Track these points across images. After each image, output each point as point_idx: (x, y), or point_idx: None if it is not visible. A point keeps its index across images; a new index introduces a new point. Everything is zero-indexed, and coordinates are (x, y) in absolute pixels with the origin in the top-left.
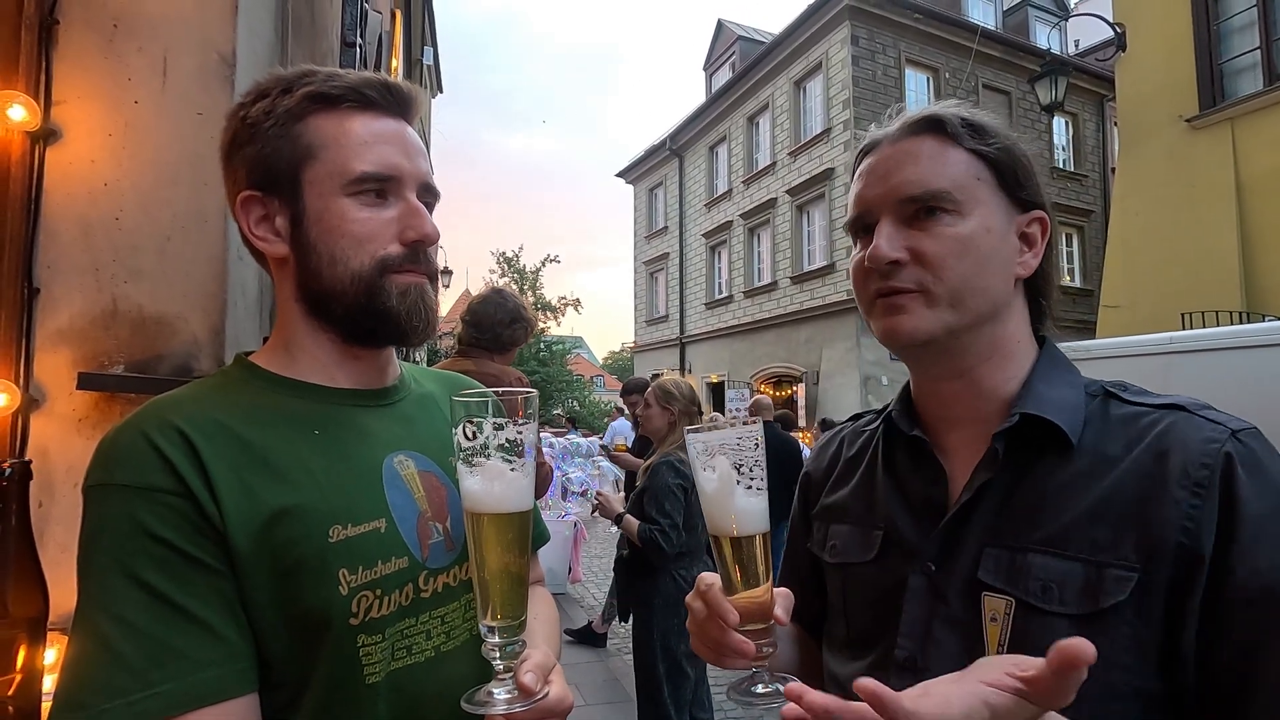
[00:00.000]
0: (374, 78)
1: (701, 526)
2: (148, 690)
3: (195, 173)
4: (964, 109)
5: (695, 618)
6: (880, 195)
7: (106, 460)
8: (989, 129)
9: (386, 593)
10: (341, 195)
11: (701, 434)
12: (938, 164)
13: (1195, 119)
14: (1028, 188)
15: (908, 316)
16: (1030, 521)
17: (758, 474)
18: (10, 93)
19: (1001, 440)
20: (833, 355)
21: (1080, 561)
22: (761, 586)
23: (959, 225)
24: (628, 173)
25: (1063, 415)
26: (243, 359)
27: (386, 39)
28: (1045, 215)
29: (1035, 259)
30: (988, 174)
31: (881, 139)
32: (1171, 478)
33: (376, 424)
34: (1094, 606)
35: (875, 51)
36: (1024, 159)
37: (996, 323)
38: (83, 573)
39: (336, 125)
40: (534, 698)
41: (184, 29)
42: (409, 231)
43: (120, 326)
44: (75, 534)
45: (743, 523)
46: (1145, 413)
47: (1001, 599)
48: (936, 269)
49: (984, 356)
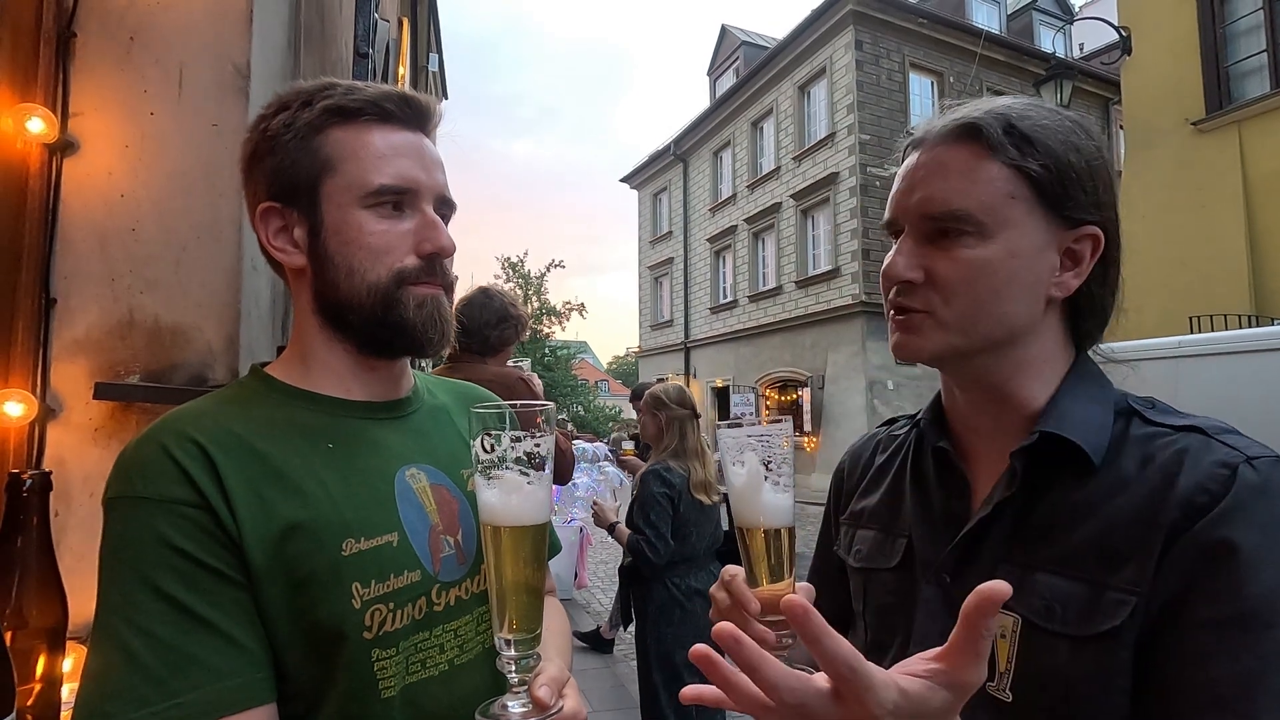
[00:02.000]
0: (393, 91)
1: (695, 535)
2: (170, 700)
3: (210, 184)
4: (1015, 111)
5: (718, 606)
6: (905, 208)
7: (126, 473)
8: (1037, 140)
9: (399, 606)
10: (359, 207)
11: (732, 430)
12: (966, 181)
13: (1202, 122)
14: (1078, 202)
15: (915, 336)
16: (1043, 540)
17: (785, 471)
18: (29, 105)
19: (1021, 458)
20: (838, 359)
21: (1084, 582)
22: (785, 581)
23: (979, 249)
24: (632, 178)
25: (1085, 434)
26: (259, 370)
27: (394, 46)
28: (1098, 232)
29: (1077, 279)
30: (1026, 191)
31: (924, 139)
32: (1173, 501)
33: (389, 437)
34: (1092, 629)
35: (879, 56)
36: (1079, 170)
37: (1017, 346)
38: (104, 583)
39: (355, 138)
40: (548, 712)
41: (199, 41)
42: (425, 244)
43: (136, 336)
44: (92, 543)
45: (769, 517)
46: (1163, 433)
47: (1010, 616)
48: (947, 295)
49: (1006, 375)
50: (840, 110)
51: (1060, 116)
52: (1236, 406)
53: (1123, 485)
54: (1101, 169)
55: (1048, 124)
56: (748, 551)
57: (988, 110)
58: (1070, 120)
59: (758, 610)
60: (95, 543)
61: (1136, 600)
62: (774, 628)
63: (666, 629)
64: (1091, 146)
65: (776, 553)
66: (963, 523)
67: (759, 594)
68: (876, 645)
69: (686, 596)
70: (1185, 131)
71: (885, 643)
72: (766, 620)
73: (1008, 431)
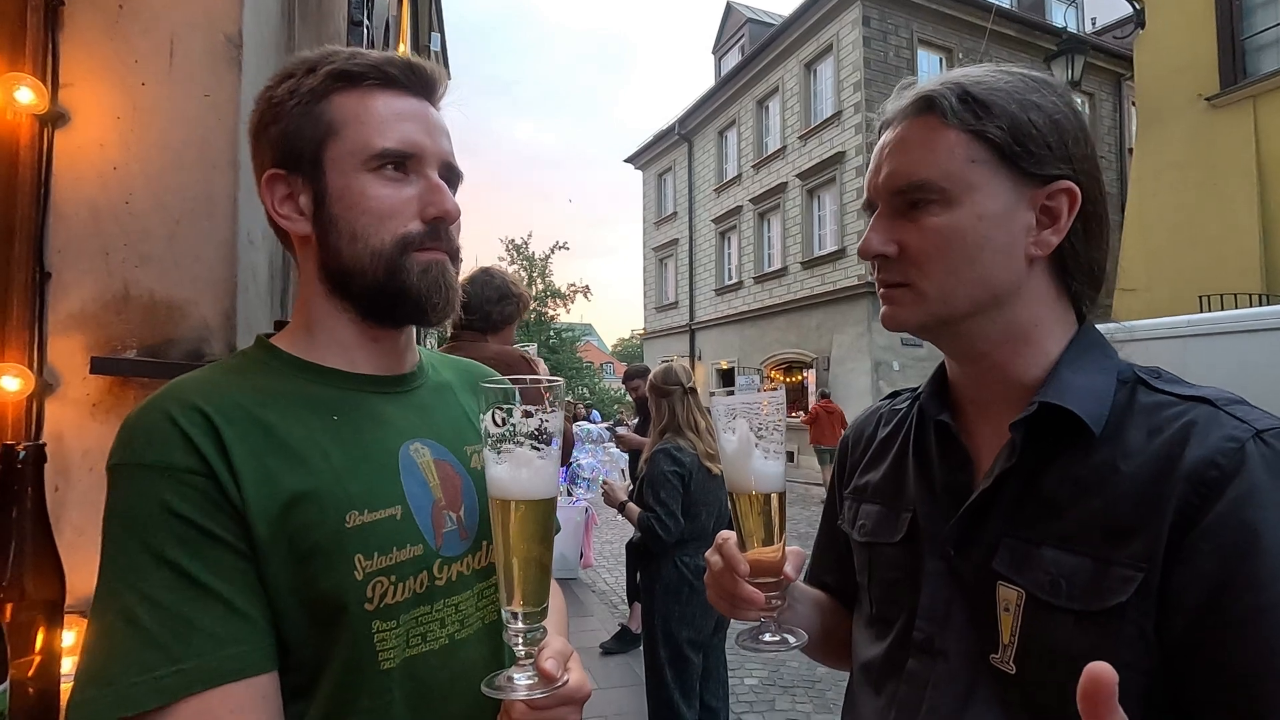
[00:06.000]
0: (397, 57)
1: (705, 513)
2: (173, 666)
3: (203, 156)
4: (970, 78)
5: (712, 570)
6: (876, 185)
7: (130, 439)
8: (993, 103)
9: (401, 579)
10: (363, 171)
11: (723, 398)
12: (927, 151)
13: (1216, 97)
14: (1043, 158)
15: (898, 308)
16: (1047, 513)
17: (775, 438)
18: (17, 75)
19: (1020, 430)
20: (843, 340)
21: (1089, 556)
22: (775, 545)
23: (945, 216)
24: (637, 158)
25: (1085, 404)
26: (264, 341)
27: (394, 24)
28: (1072, 186)
29: (1056, 235)
30: (986, 154)
31: (891, 118)
32: (1180, 474)
33: (394, 411)
34: (1099, 604)
35: (887, 32)
36: (1041, 126)
37: (1005, 308)
38: (107, 550)
39: (359, 102)
40: (555, 684)
41: (189, 10)
42: (430, 208)
43: (132, 311)
44: (92, 518)
45: (759, 482)
46: (1171, 403)
47: (1014, 590)
48: (922, 264)
49: (998, 342)
50: (847, 88)
51: (1016, 77)
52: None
53: (1127, 457)
54: (1067, 122)
55: (1004, 86)
56: (738, 515)
57: (942, 82)
58: (1029, 79)
59: (747, 572)
60: (96, 518)
61: (1143, 576)
62: (763, 589)
63: (674, 607)
64: (1054, 102)
65: (766, 516)
66: (965, 496)
67: (750, 557)
68: (882, 619)
69: (695, 575)
70: (1199, 107)
71: (890, 616)
72: (756, 582)
73: (1008, 403)
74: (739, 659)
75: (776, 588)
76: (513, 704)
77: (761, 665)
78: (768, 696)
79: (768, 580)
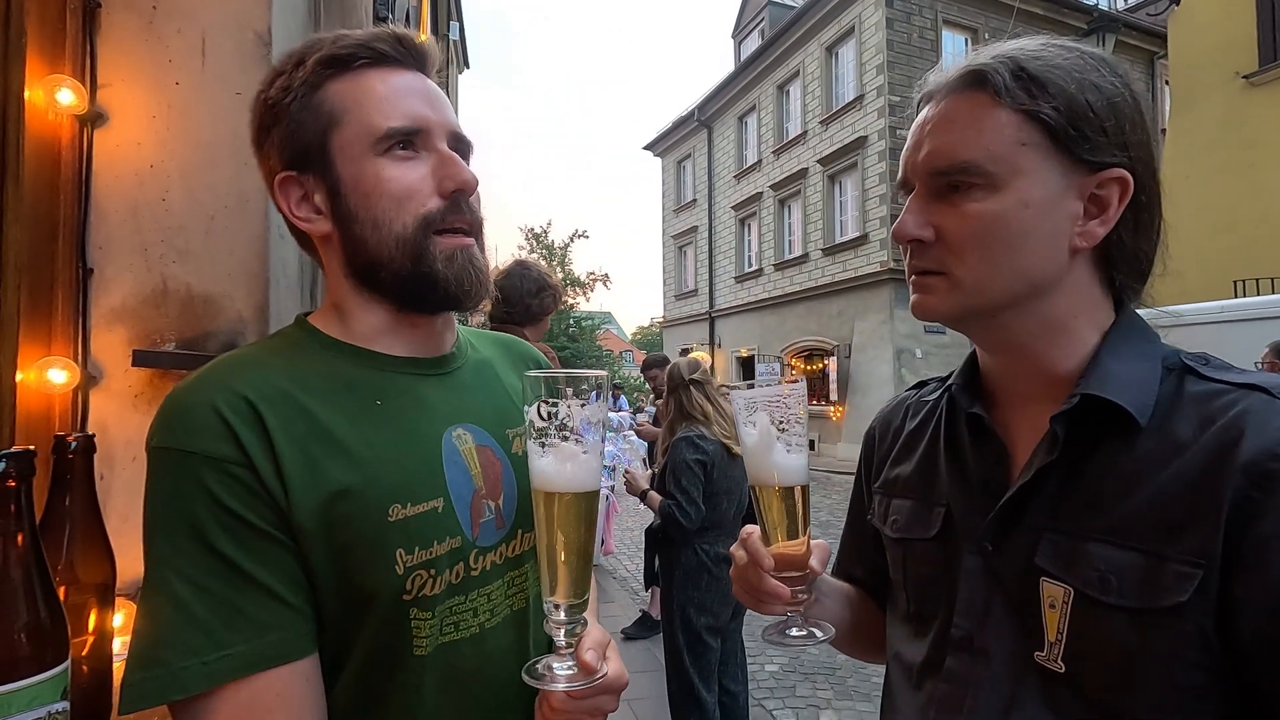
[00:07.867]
0: (383, 31)
1: (725, 501)
2: (221, 650)
3: (235, 153)
4: (1026, 53)
5: (736, 564)
6: (914, 164)
7: (172, 422)
8: (1049, 81)
9: (439, 572)
10: (373, 155)
11: (744, 391)
12: (973, 130)
13: (1254, 75)
14: (1099, 144)
15: (930, 297)
16: (1092, 507)
17: (797, 430)
18: (58, 76)
19: (1061, 423)
20: (865, 328)
21: (1140, 552)
22: (799, 539)
23: (989, 201)
24: (655, 145)
25: (1129, 395)
26: (303, 320)
27: (414, 14)
28: (1125, 174)
29: (1103, 226)
30: (1038, 136)
31: (934, 92)
32: (1237, 466)
33: (436, 394)
34: (1155, 602)
35: (910, 13)
36: (1099, 110)
37: (1042, 301)
38: (151, 532)
39: (355, 86)
40: (595, 676)
41: (220, 9)
42: (447, 181)
43: (170, 305)
44: (135, 505)
45: (782, 476)
46: (1223, 391)
47: (1060, 586)
48: (960, 252)
49: (1034, 334)
50: (869, 71)
51: (1075, 53)
52: None
53: (1178, 448)
54: (1126, 106)
55: (1061, 63)
56: (762, 510)
57: (995, 55)
58: (1089, 57)
59: (771, 567)
60: (139, 505)
61: (1203, 573)
62: (789, 584)
63: (693, 593)
64: (1113, 83)
65: (790, 511)
66: (1002, 490)
67: (774, 551)
68: (920, 616)
69: (714, 563)
70: (1235, 86)
71: (929, 614)
72: (781, 576)
73: (1045, 394)
74: (759, 645)
75: (802, 582)
76: (550, 694)
77: (782, 652)
78: (788, 683)
79: (793, 574)
